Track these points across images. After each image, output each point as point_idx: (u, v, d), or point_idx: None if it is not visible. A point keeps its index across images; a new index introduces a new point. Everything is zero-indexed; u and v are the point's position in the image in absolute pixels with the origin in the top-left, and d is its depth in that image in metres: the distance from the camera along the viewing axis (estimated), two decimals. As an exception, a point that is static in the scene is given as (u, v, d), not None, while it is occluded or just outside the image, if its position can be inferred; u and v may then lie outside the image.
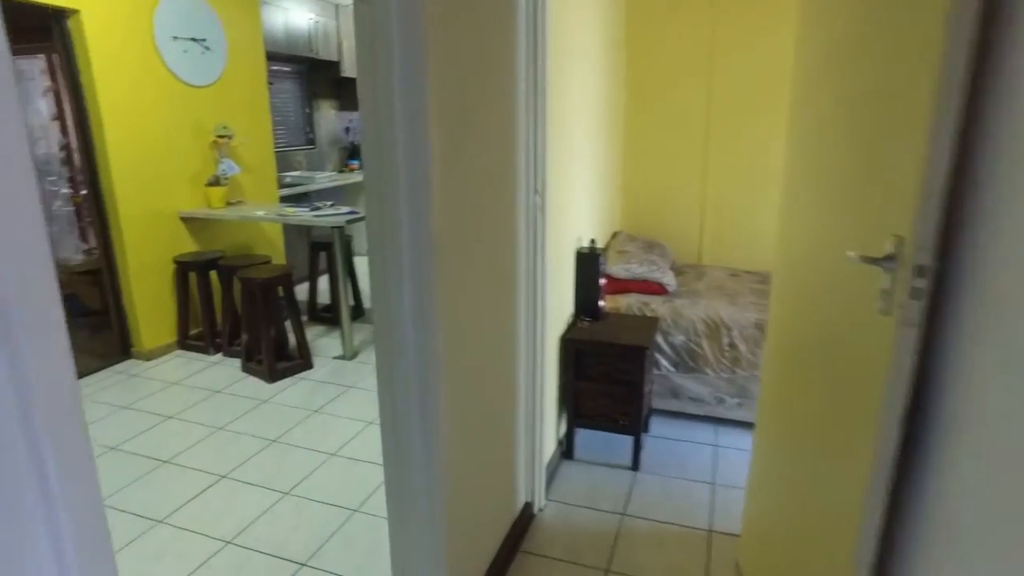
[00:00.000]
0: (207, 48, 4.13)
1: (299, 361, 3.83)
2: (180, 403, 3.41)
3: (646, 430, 2.94)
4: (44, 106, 5.56)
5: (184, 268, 4.04)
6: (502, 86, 1.81)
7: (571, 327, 2.82)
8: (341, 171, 6.65)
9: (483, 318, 1.89)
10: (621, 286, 3.29)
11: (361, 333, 4.45)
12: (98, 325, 4.51)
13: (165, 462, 2.82)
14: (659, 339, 3.03)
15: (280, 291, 3.76)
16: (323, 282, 4.79)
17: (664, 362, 3.05)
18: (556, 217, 2.45)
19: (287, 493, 2.57)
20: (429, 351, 1.53)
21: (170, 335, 4.14)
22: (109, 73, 3.62)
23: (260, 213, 4.06)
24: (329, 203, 4.37)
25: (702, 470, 2.71)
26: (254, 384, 3.64)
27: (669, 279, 3.31)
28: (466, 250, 1.69)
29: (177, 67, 3.94)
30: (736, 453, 2.82)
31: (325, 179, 5.88)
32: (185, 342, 4.16)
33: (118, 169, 3.73)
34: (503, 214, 1.97)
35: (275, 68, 5.47)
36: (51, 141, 5.70)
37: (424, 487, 1.64)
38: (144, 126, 3.85)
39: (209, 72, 4.18)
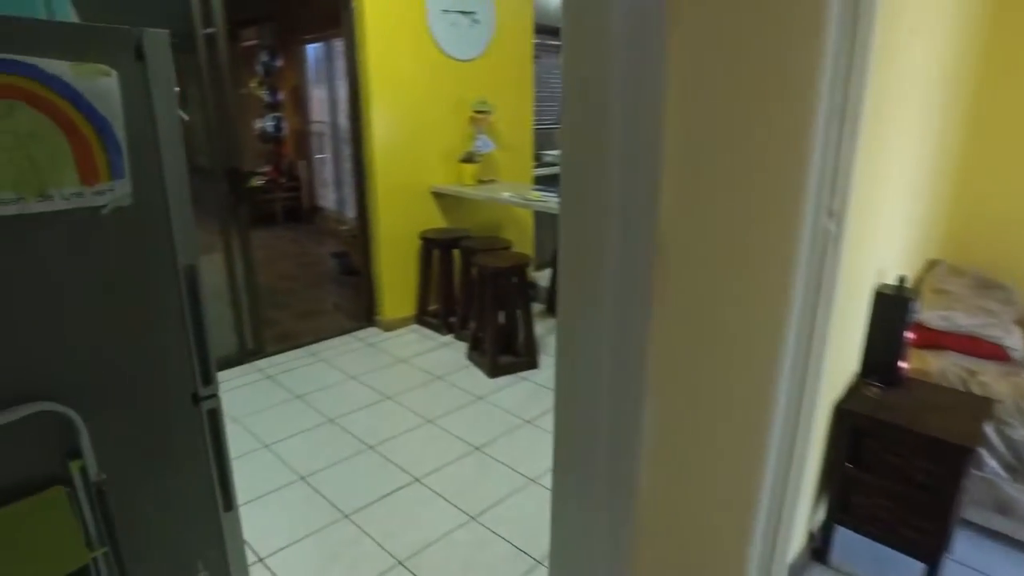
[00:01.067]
0: (475, 21, 4.01)
1: (524, 358, 3.59)
2: (402, 384, 3.39)
3: (947, 551, 2.09)
4: (344, 83, 6.14)
5: (429, 244, 4.04)
6: (796, 60, 1.21)
7: (852, 392, 2.08)
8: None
9: (724, 364, 1.35)
10: (934, 339, 2.39)
11: (594, 334, 4.07)
12: (356, 286, 4.81)
13: (371, 447, 2.76)
14: (988, 428, 2.12)
15: (514, 281, 3.54)
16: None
17: (991, 461, 2.13)
18: (853, 245, 1.75)
19: (473, 518, 2.31)
20: (630, 396, 1.08)
21: (410, 308, 4.22)
22: (381, 47, 3.67)
23: (506, 195, 3.87)
24: (578, 189, 4.03)
25: (1036, 641, 1.81)
26: (474, 376, 3.49)
27: (1014, 340, 2.33)
28: (709, 276, 1.17)
29: (443, 40, 3.88)
30: (1104, 631, 1.85)
31: (584, 160, 5.56)
32: (422, 318, 4.21)
33: (379, 140, 3.81)
34: (774, 238, 1.38)
35: (544, 42, 5.25)
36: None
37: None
38: (406, 98, 3.87)
39: (474, 46, 4.07)
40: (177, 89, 1.50)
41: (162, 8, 3.87)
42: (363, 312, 4.22)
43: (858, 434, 1.98)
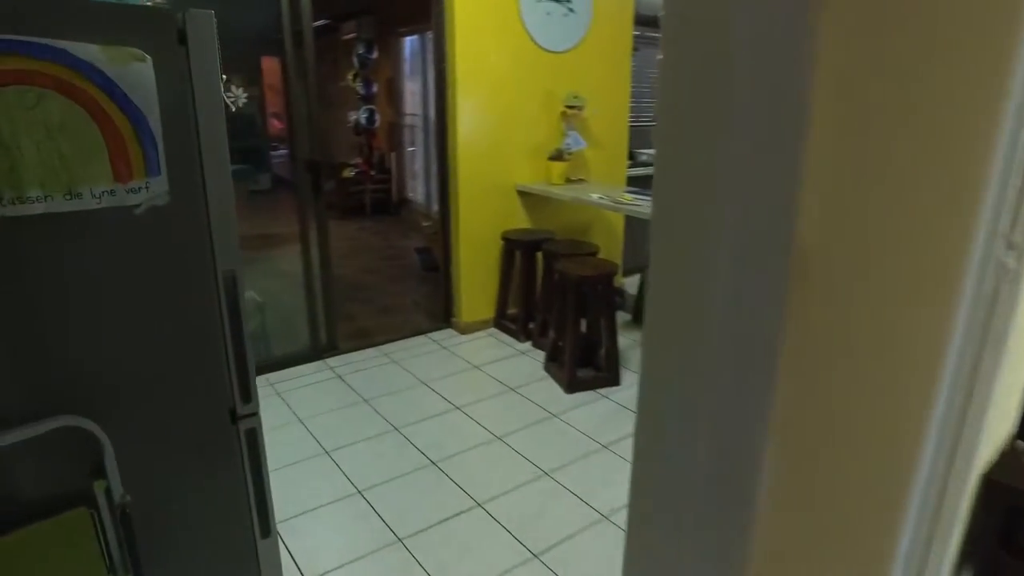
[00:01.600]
0: (571, 10, 3.75)
1: (604, 374, 3.33)
2: (473, 393, 3.21)
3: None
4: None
5: (511, 245, 3.84)
6: (982, 38, 0.89)
7: (1008, 459, 1.68)
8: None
9: (862, 422, 1.05)
10: (1115, 395, 1.93)
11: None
12: (436, 283, 4.69)
13: (433, 463, 2.60)
14: None
15: (599, 290, 3.28)
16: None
17: None
18: None
19: (536, 555, 2.09)
20: (743, 453, 0.81)
21: (488, 311, 4.03)
22: (470, 37, 3.49)
23: (594, 196, 3.61)
24: (674, 192, 3.70)
25: None
26: (549, 389, 3.26)
27: None
28: (858, 310, 0.88)
29: (536, 31, 3.65)
30: None
31: (683, 160, 5.19)
32: (500, 322, 4.01)
33: (464, 133, 3.64)
34: (926, 268, 1.06)
35: (644, 34, 4.91)
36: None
37: None
38: (494, 91, 3.68)
39: (569, 37, 3.81)
40: (222, 77, 1.36)
41: (257, 6, 3.87)
42: (440, 312, 4.08)
43: (1014, 516, 1.59)
